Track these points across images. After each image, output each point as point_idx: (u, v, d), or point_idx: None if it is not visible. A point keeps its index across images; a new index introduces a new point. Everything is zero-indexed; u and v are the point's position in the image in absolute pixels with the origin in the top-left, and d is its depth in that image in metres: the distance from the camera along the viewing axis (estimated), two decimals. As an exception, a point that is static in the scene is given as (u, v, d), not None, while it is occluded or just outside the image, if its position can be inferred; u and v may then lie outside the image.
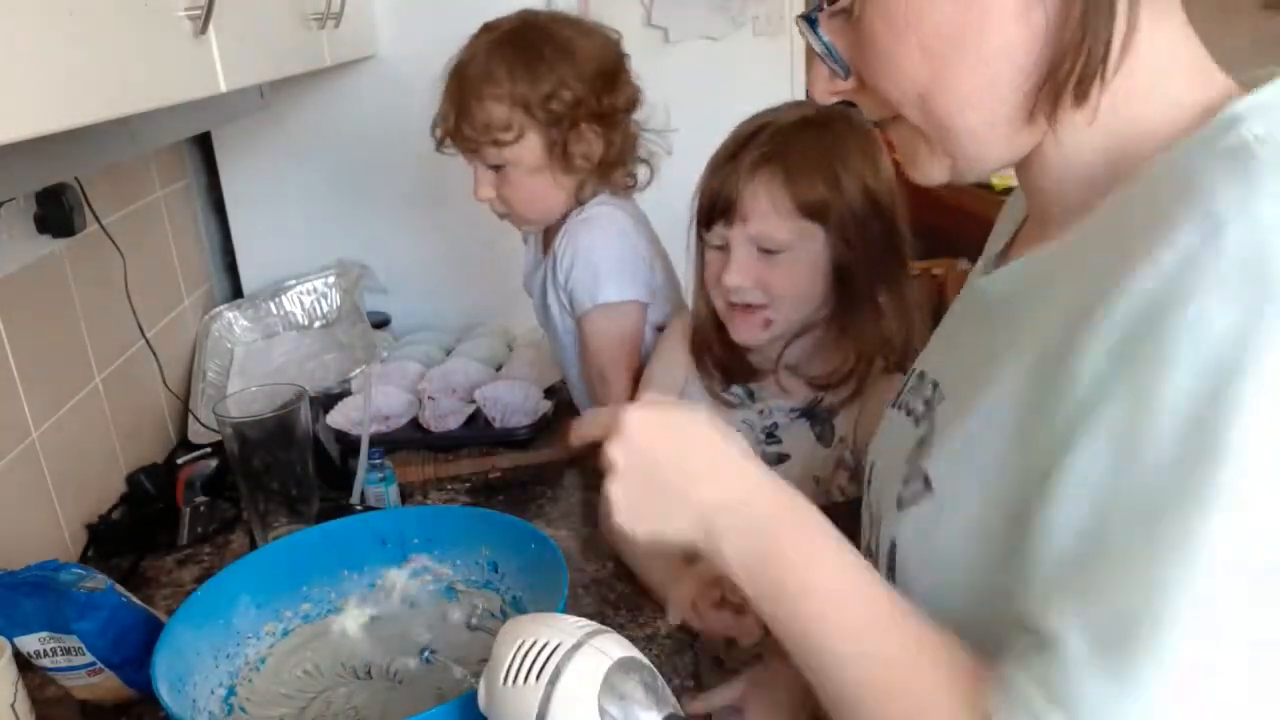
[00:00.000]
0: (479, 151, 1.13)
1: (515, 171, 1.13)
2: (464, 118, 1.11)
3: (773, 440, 1.05)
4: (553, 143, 1.12)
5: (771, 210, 0.94)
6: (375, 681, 0.87)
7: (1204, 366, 0.43)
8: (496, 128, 1.10)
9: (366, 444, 1.22)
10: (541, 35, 1.12)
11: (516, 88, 1.09)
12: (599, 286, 1.15)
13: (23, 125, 0.53)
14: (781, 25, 2.57)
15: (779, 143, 0.95)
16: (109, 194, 1.36)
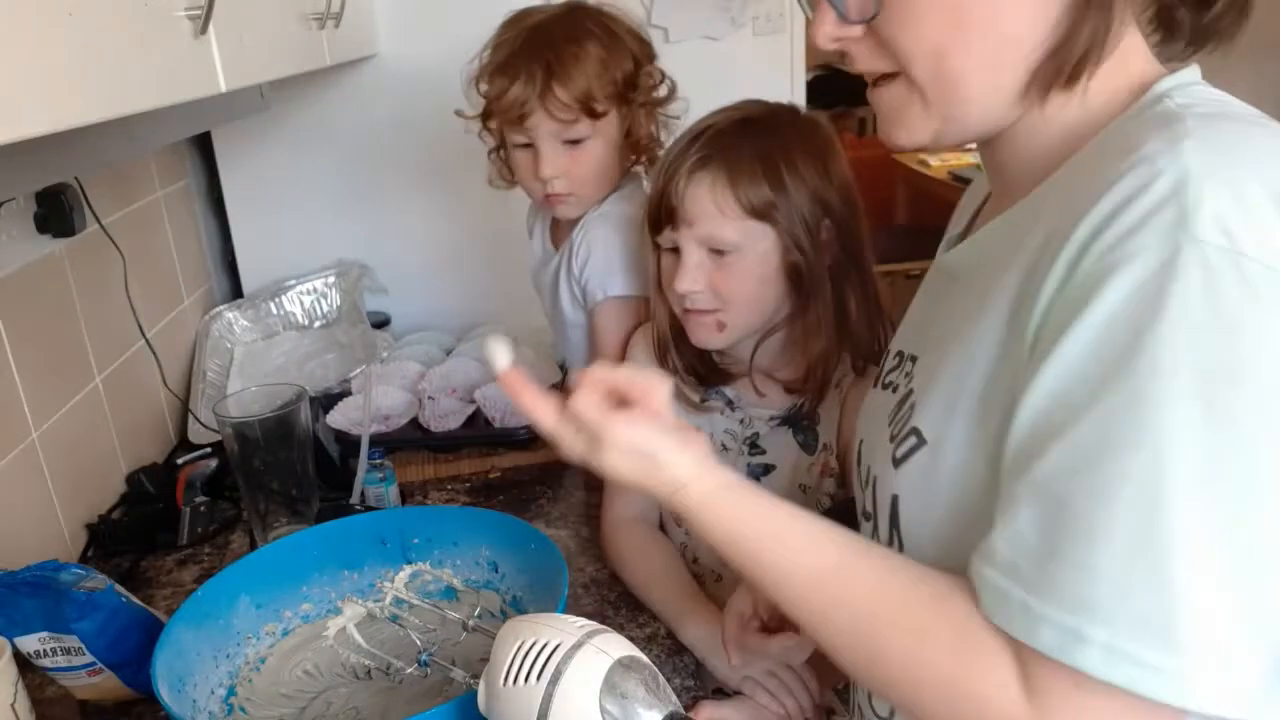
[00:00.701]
0: (569, 123, 1.08)
1: (595, 146, 1.11)
2: (563, 83, 1.06)
3: (756, 451, 1.05)
4: (626, 121, 1.12)
5: (716, 211, 0.93)
6: (375, 681, 0.87)
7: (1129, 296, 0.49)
8: (596, 98, 1.08)
9: (366, 444, 1.22)
10: (605, 17, 1.12)
11: (610, 63, 1.08)
12: (611, 279, 1.15)
13: (23, 125, 0.53)
14: (781, 25, 2.57)
15: (720, 144, 0.94)
16: (109, 194, 1.36)
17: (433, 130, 1.71)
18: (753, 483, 0.66)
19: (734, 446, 1.06)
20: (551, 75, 1.06)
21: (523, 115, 1.09)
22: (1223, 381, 0.47)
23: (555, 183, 1.12)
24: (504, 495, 1.28)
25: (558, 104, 1.07)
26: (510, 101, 1.08)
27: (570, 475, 1.32)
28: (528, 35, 1.10)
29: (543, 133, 1.09)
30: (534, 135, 1.10)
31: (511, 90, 1.07)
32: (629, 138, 1.13)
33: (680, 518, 0.67)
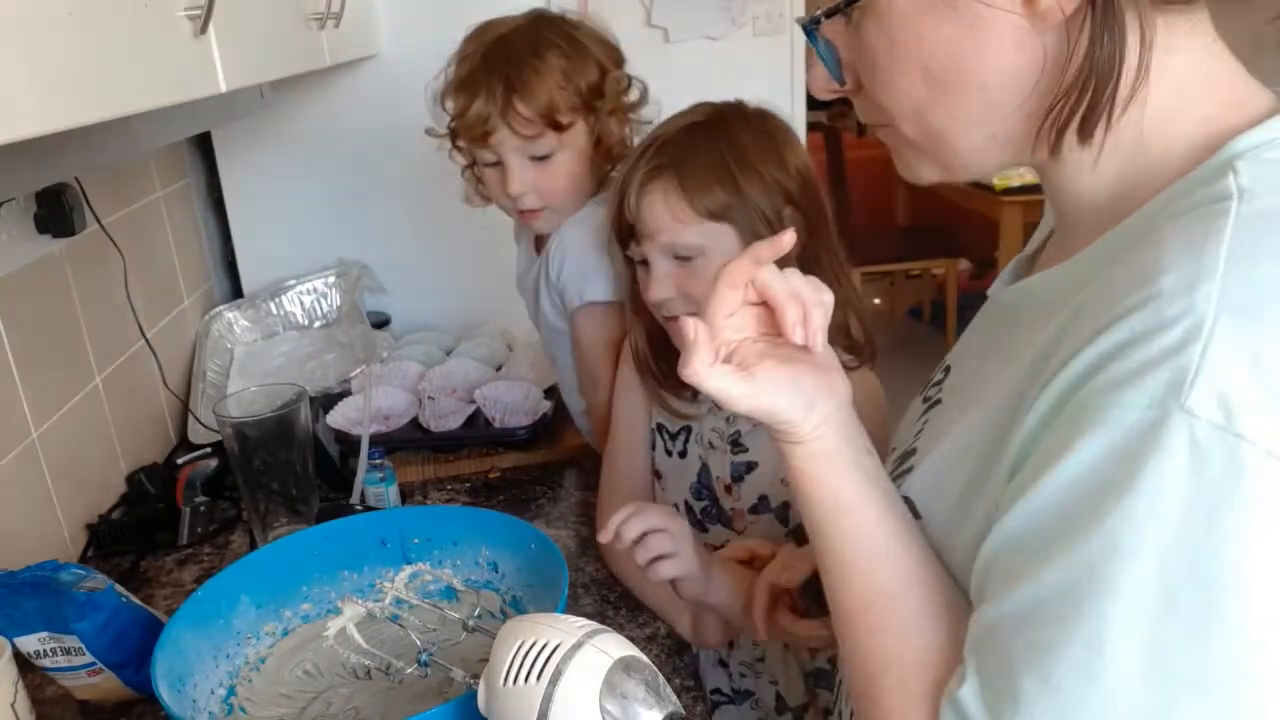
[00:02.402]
0: (533, 138, 1.07)
1: (564, 159, 1.10)
2: (525, 99, 1.04)
3: (739, 449, 1.05)
4: (594, 130, 1.11)
5: (672, 220, 0.94)
6: (375, 682, 0.87)
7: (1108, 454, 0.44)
8: (560, 110, 1.06)
9: (366, 444, 1.22)
10: (568, 25, 1.11)
11: (573, 73, 1.07)
12: (587, 284, 1.14)
13: (23, 125, 0.53)
14: (781, 25, 2.57)
15: (668, 152, 0.95)
16: (109, 194, 1.36)
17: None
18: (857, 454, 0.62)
19: (720, 445, 1.06)
20: (512, 90, 1.04)
21: (486, 132, 1.07)
22: (1186, 579, 0.42)
23: (525, 199, 1.10)
24: (504, 495, 1.28)
25: (519, 119, 1.05)
26: (472, 119, 1.07)
27: (570, 475, 1.32)
28: (487, 49, 1.08)
29: (508, 149, 1.08)
30: (500, 152, 1.09)
31: (473, 107, 1.06)
32: (599, 146, 1.12)
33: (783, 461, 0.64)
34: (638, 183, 0.95)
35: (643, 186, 0.95)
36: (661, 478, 1.12)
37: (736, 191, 0.93)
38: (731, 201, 0.93)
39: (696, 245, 0.94)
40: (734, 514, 1.06)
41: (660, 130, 0.98)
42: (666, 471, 1.11)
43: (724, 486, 1.06)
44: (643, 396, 1.10)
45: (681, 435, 1.09)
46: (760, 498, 1.05)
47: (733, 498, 1.06)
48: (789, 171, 0.96)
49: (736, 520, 1.06)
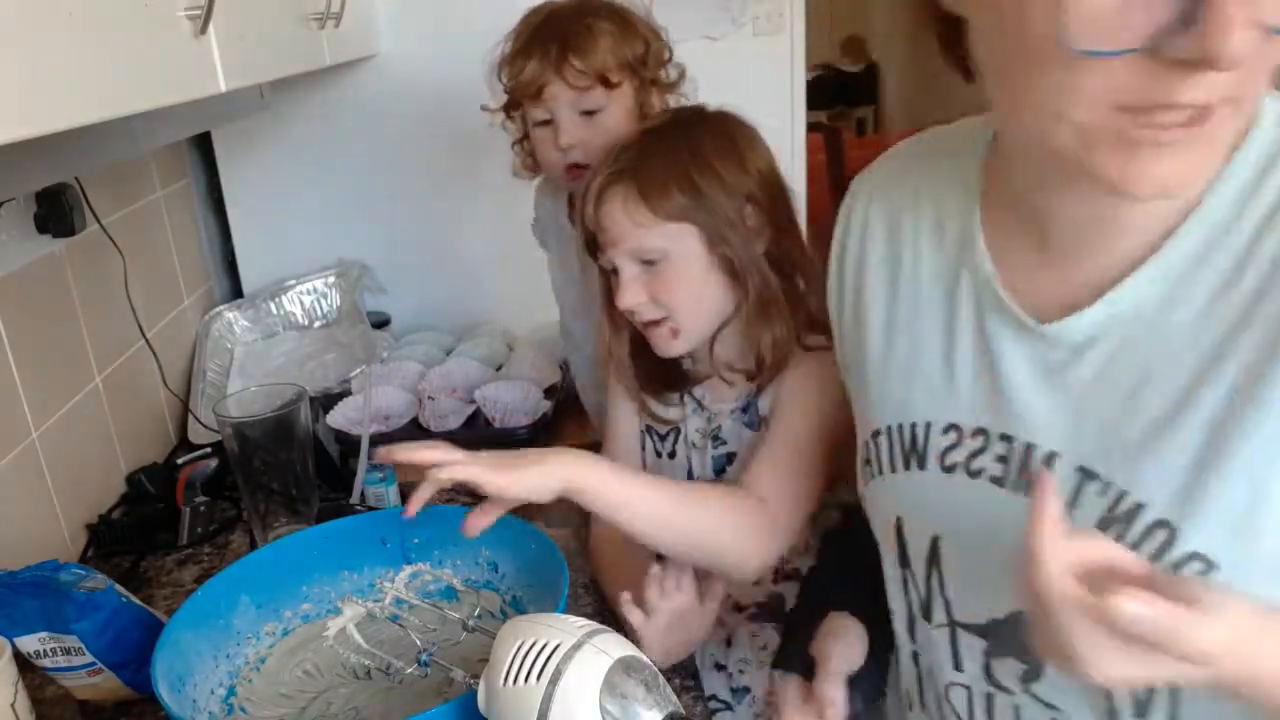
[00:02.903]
0: (584, 91, 1.11)
1: (612, 115, 1.13)
2: (579, 55, 1.10)
3: (719, 442, 1.05)
4: (638, 96, 1.15)
5: (632, 224, 0.95)
6: (375, 682, 0.87)
7: None
8: (610, 67, 1.11)
9: (366, 444, 1.22)
10: (618, 5, 1.16)
11: (622, 39, 1.12)
12: None
13: (23, 125, 0.53)
14: (781, 25, 2.57)
15: (623, 160, 0.96)
16: (109, 194, 1.36)
17: (433, 130, 1.71)
18: None
19: (702, 444, 1.06)
20: (567, 47, 1.10)
21: (540, 88, 1.11)
22: None
23: (574, 152, 1.14)
24: (504, 495, 1.28)
25: (573, 72, 1.10)
26: (528, 77, 1.11)
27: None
28: (543, 20, 1.14)
29: (560, 103, 1.12)
30: (552, 107, 1.13)
31: (529, 67, 1.11)
32: (641, 111, 1.16)
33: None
34: (595, 192, 0.96)
35: (600, 194, 0.96)
36: None
37: (695, 193, 0.94)
38: (690, 202, 0.94)
39: (660, 248, 0.95)
40: None
41: (615, 143, 1.01)
42: (657, 473, 1.11)
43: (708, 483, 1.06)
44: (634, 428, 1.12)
45: (670, 436, 1.09)
46: None
47: None
48: (749, 171, 0.97)
49: None
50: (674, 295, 0.96)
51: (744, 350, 1.02)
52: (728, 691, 1.10)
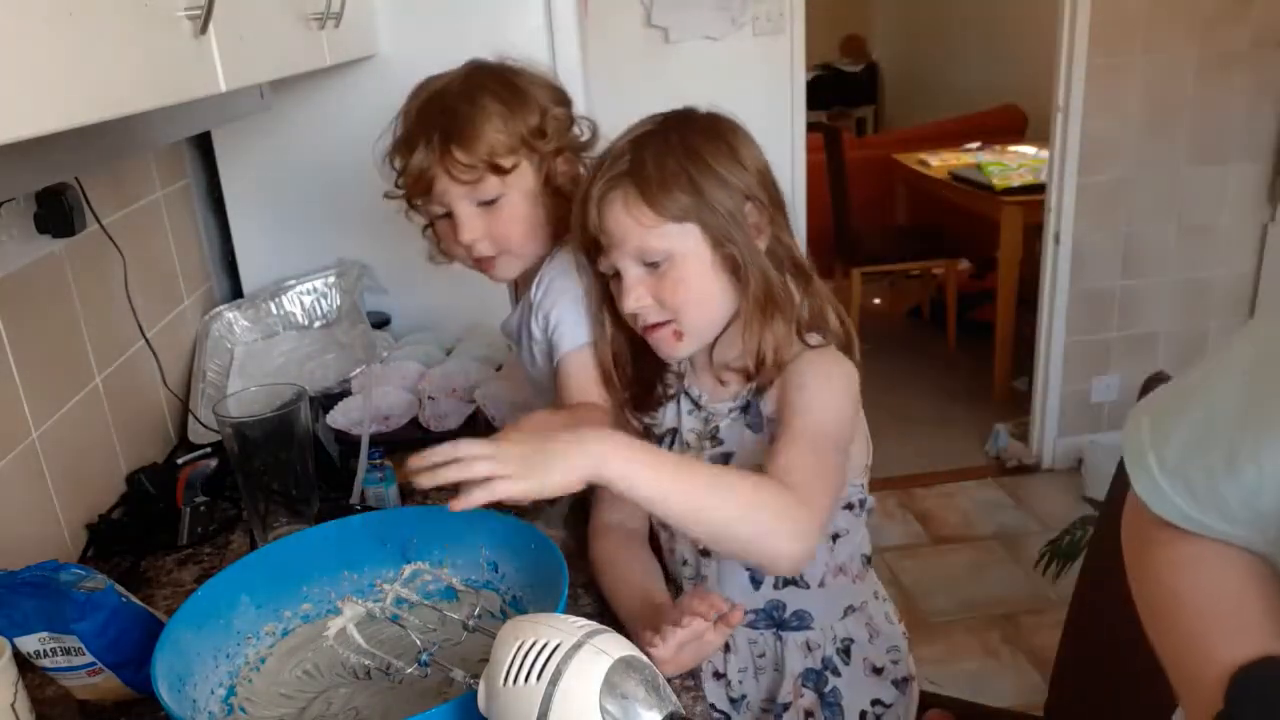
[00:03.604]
0: (476, 184, 1.06)
1: (512, 202, 1.08)
2: (462, 146, 1.04)
3: (716, 442, 1.05)
4: (541, 170, 1.10)
5: (635, 225, 0.94)
6: (375, 682, 0.87)
7: None
8: (500, 153, 1.05)
9: (366, 444, 1.22)
10: (508, 72, 1.10)
11: (511, 116, 1.06)
12: (580, 329, 1.11)
13: (23, 125, 0.53)
14: (781, 25, 2.57)
15: (622, 163, 0.96)
16: (109, 194, 1.36)
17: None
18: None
19: (697, 444, 1.07)
20: (448, 138, 1.04)
21: (429, 183, 1.06)
22: None
23: (478, 245, 1.09)
24: (504, 495, 1.28)
25: (458, 166, 1.04)
26: (414, 172, 1.07)
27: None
28: (423, 104, 1.09)
29: (453, 197, 1.07)
30: (446, 201, 1.08)
31: (413, 160, 1.06)
32: (548, 186, 1.11)
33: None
34: (598, 194, 0.96)
35: (603, 197, 0.96)
36: None
37: (696, 191, 0.94)
38: (692, 201, 0.94)
39: (663, 249, 0.95)
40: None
41: (612, 145, 1.00)
42: None
43: None
44: None
45: (667, 437, 1.09)
46: None
47: None
48: (746, 168, 0.97)
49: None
50: (679, 296, 0.96)
51: (743, 350, 1.02)
52: (726, 701, 1.11)
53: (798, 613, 1.08)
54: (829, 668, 1.09)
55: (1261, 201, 2.88)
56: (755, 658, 1.10)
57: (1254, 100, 2.76)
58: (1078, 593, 1.30)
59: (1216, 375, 0.66)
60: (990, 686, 2.17)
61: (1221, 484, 0.62)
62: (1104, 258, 2.89)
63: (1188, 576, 0.68)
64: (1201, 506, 0.65)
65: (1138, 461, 0.68)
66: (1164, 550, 0.70)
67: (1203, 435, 0.64)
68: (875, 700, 1.11)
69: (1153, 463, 0.67)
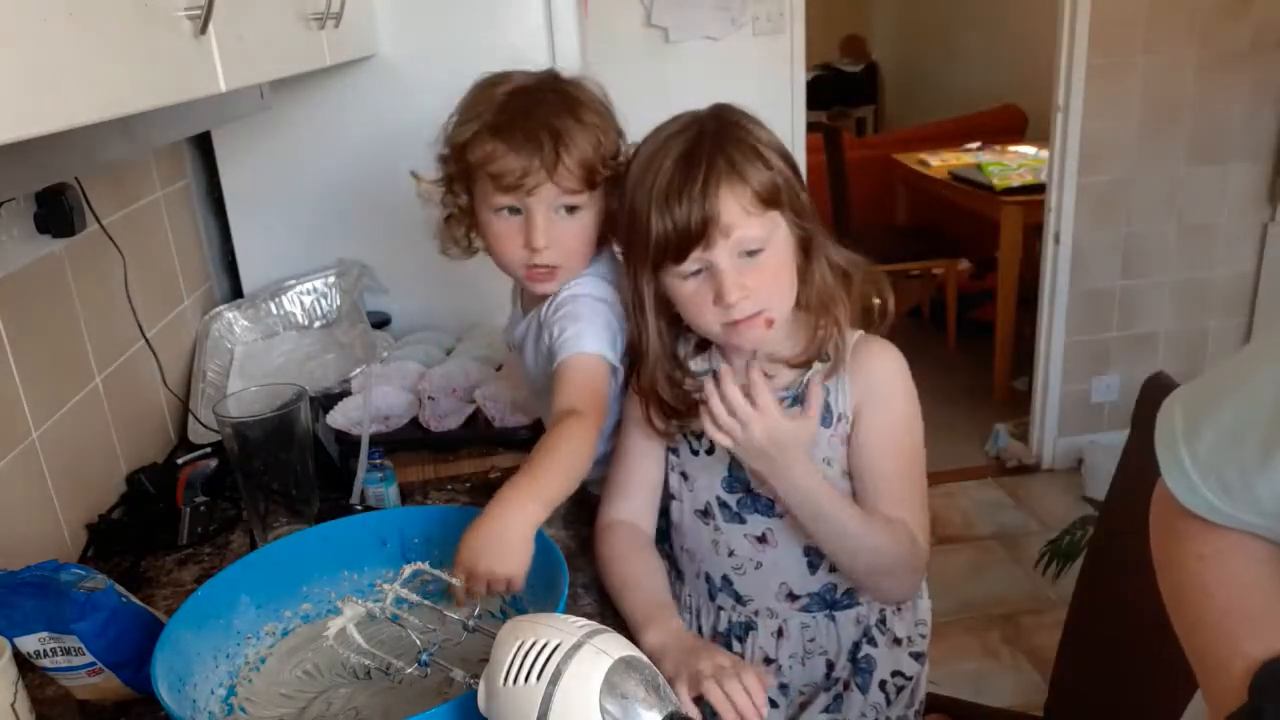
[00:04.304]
0: (571, 193, 1.06)
1: (587, 216, 1.09)
2: (570, 153, 1.04)
3: None
4: (607, 194, 1.11)
5: (743, 213, 0.96)
6: (375, 682, 0.87)
7: None
8: (597, 166, 1.06)
9: (366, 444, 1.22)
10: (583, 89, 1.10)
11: (605, 134, 1.08)
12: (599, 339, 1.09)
13: (23, 125, 0.53)
14: (781, 25, 2.57)
15: (715, 151, 0.97)
16: (109, 194, 1.36)
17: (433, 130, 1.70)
18: None
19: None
20: (559, 143, 1.03)
21: (524, 181, 1.04)
22: None
23: (547, 253, 1.08)
24: (504, 495, 1.28)
25: (566, 173, 1.04)
26: (512, 167, 1.04)
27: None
28: (523, 101, 1.06)
29: (540, 199, 1.06)
30: (530, 202, 1.06)
31: (512, 158, 1.04)
32: (606, 205, 1.11)
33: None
34: (707, 185, 0.95)
35: (715, 188, 0.95)
36: (687, 479, 1.12)
37: (773, 173, 0.98)
38: (776, 184, 0.98)
39: (761, 237, 0.98)
40: (775, 498, 1.07)
41: (682, 145, 0.98)
42: (693, 472, 1.12)
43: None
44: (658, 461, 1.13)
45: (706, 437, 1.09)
46: None
47: None
48: (779, 143, 1.02)
49: (779, 503, 1.07)
50: (772, 283, 0.99)
51: (785, 337, 1.04)
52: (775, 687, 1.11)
53: (848, 590, 1.11)
54: (867, 637, 1.11)
55: (1261, 201, 2.88)
56: (806, 642, 1.11)
57: (1254, 100, 2.76)
58: (1078, 593, 1.30)
59: (1250, 369, 0.66)
60: (990, 686, 2.17)
61: (1254, 478, 0.62)
62: (1104, 258, 2.90)
63: (1216, 570, 0.68)
64: (1233, 500, 0.65)
65: (1170, 454, 0.68)
66: (1192, 543, 0.70)
67: (1236, 430, 0.64)
68: (896, 671, 1.12)
69: (1185, 456, 0.67)
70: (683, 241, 0.97)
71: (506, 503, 0.89)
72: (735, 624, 1.13)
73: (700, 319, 1.01)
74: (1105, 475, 1.20)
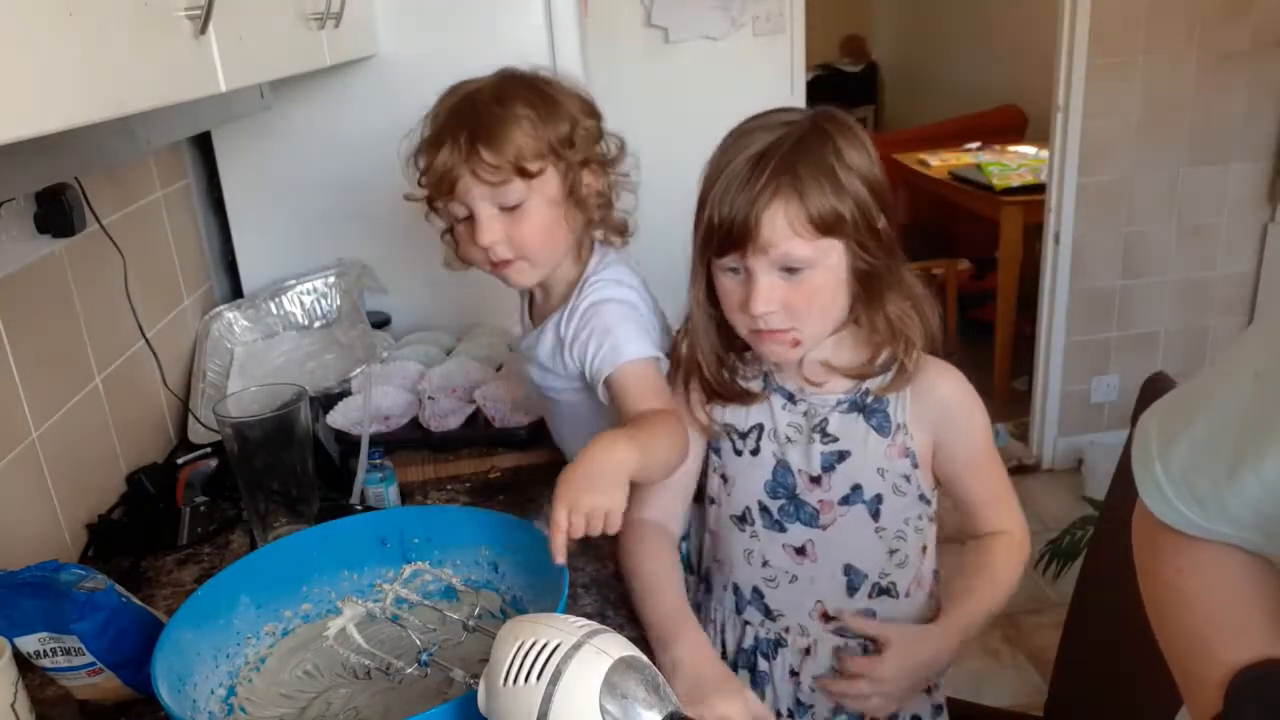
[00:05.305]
0: (500, 186, 1.05)
1: (534, 207, 1.07)
2: (490, 146, 1.03)
3: (828, 438, 1.04)
4: (567, 180, 1.09)
5: (790, 233, 0.94)
6: (375, 682, 0.87)
7: None
8: (527, 157, 1.04)
9: (366, 444, 1.22)
10: (540, 80, 1.10)
11: (540, 123, 1.06)
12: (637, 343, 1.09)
13: (23, 125, 0.53)
14: (781, 25, 2.57)
15: (783, 166, 0.94)
16: (109, 194, 1.36)
17: (433, 130, 1.71)
18: None
19: (799, 438, 1.06)
20: (475, 138, 1.03)
21: (452, 181, 1.05)
22: None
23: (497, 248, 1.08)
24: (504, 495, 1.28)
25: (484, 166, 1.03)
26: (439, 170, 1.05)
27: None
28: (454, 105, 1.08)
29: (475, 198, 1.06)
30: (468, 201, 1.06)
31: (438, 159, 1.05)
32: (572, 196, 1.09)
33: None
34: (760, 193, 0.94)
35: (767, 197, 0.94)
36: (726, 481, 1.11)
37: (846, 203, 0.95)
38: (843, 213, 0.94)
39: (808, 259, 0.95)
40: (821, 507, 1.06)
41: (763, 142, 0.96)
42: (734, 474, 1.10)
43: (809, 479, 1.06)
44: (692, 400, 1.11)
45: (754, 433, 1.08)
46: (853, 487, 1.05)
47: (821, 489, 1.06)
48: (878, 173, 0.98)
49: (824, 512, 1.06)
50: (809, 305, 0.97)
51: (840, 349, 1.05)
52: (793, 700, 1.10)
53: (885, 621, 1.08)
54: None
55: (1261, 201, 2.88)
56: (833, 662, 1.09)
57: (1254, 100, 2.75)
58: (1078, 593, 1.30)
59: (1220, 382, 0.66)
60: (990, 686, 2.17)
61: (1224, 490, 0.62)
62: (1104, 258, 2.90)
63: (1194, 581, 0.69)
64: (1207, 512, 0.65)
65: (1145, 470, 0.68)
66: (1171, 557, 0.70)
67: (1208, 442, 0.64)
68: (915, 716, 1.11)
69: (1159, 471, 0.67)
70: (725, 239, 0.97)
71: (602, 446, 0.90)
72: (763, 640, 1.11)
73: (731, 316, 1.02)
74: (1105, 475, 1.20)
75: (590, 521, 0.87)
